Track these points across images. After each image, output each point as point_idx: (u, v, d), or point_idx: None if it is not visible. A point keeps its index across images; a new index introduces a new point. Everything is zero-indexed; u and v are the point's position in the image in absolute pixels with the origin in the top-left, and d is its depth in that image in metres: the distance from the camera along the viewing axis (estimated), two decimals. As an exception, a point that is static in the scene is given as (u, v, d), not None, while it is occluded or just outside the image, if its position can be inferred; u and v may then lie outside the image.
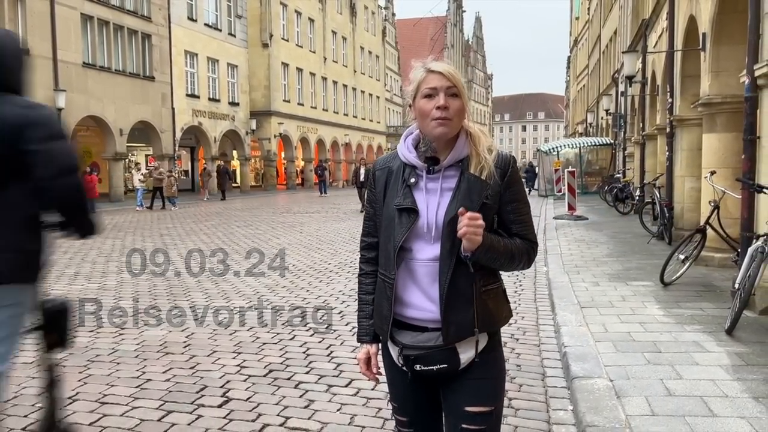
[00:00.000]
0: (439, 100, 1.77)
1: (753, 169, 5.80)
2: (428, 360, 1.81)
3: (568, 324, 5.38)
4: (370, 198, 1.97)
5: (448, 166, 1.83)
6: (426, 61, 1.85)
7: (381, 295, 1.90)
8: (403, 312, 1.85)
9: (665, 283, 6.71)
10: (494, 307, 1.85)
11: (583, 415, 3.44)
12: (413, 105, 1.86)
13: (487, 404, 1.84)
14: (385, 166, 1.94)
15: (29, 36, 21.11)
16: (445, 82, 1.78)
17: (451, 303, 1.77)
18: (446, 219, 1.77)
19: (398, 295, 1.85)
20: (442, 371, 1.82)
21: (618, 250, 9.91)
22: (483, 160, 1.81)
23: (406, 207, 1.81)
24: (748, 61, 5.77)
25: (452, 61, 32.11)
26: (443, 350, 1.79)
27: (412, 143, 1.90)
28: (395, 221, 1.83)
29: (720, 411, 3.43)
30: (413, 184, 1.84)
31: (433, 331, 1.81)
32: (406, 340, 1.83)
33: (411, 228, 1.80)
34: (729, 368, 4.13)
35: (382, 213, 1.90)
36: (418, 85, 1.82)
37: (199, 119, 30.89)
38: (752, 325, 5.13)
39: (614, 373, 4.09)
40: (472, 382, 1.84)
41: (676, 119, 10.45)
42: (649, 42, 14.84)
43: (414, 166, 1.86)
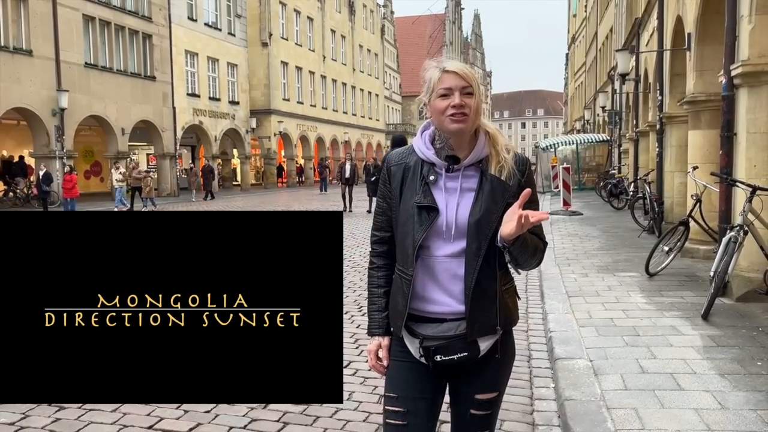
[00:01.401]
0: (455, 99, 1.77)
1: (730, 164, 6.11)
2: (449, 350, 1.84)
3: (555, 312, 5.69)
4: (383, 193, 1.95)
5: (467, 165, 1.84)
6: (440, 61, 1.85)
7: (397, 291, 1.91)
8: (420, 306, 1.87)
9: (650, 273, 7.02)
10: (512, 305, 1.92)
11: (563, 391, 3.75)
12: (428, 104, 1.86)
13: (495, 390, 1.91)
14: (401, 162, 1.92)
15: (32, 37, 21.39)
16: (460, 81, 1.79)
17: (477, 302, 1.81)
18: (471, 220, 1.80)
19: (416, 290, 1.86)
20: (462, 360, 1.84)
21: (609, 243, 10.23)
22: (503, 159, 1.84)
23: (426, 205, 1.82)
24: (725, 62, 6.07)
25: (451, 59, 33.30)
26: (463, 339, 1.83)
27: (429, 138, 1.90)
28: (414, 218, 1.83)
29: (687, 386, 3.75)
30: (432, 181, 1.84)
31: (452, 321, 1.84)
32: (427, 331, 1.85)
33: (431, 226, 1.81)
34: (700, 349, 4.45)
35: (398, 209, 1.89)
36: (434, 85, 1.82)
37: (199, 118, 31.17)
38: (728, 311, 5.45)
39: (594, 354, 4.40)
40: (486, 371, 1.88)
41: (665, 116, 10.76)
42: (642, 40, 15.14)
43: (432, 164, 1.86)
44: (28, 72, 21.15)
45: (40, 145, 22.32)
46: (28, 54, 21.27)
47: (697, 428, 3.16)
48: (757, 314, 5.32)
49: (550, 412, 3.63)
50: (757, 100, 5.71)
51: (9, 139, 24.32)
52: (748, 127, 5.78)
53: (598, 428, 3.21)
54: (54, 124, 22.13)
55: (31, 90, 21.24)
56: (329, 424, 3.42)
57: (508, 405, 3.73)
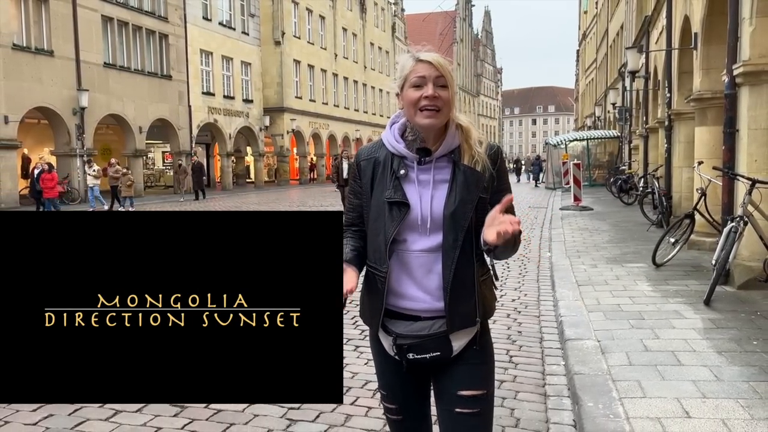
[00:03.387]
0: (428, 89, 1.74)
1: (733, 159, 6.42)
2: (421, 348, 1.82)
3: (566, 299, 6.03)
4: (354, 189, 1.92)
5: (439, 157, 1.82)
6: (414, 50, 1.83)
7: (371, 288, 1.88)
8: (395, 303, 1.85)
9: (657, 264, 7.34)
10: (490, 296, 1.89)
11: (572, 366, 4.11)
12: (401, 94, 1.83)
13: (480, 387, 1.85)
14: (370, 157, 1.90)
15: (53, 38, 21.93)
16: (433, 71, 1.76)
17: (456, 294, 1.79)
18: (446, 212, 1.77)
19: (391, 286, 1.83)
20: (435, 359, 1.83)
21: (618, 237, 10.53)
22: (476, 153, 1.82)
23: (397, 200, 1.79)
24: (728, 62, 6.38)
25: (461, 56, 32.39)
26: (436, 339, 1.81)
27: (398, 132, 1.87)
28: (385, 214, 1.80)
29: (687, 361, 4.09)
30: (403, 176, 1.81)
31: (426, 320, 1.82)
32: (400, 329, 1.84)
33: (402, 221, 1.79)
34: (701, 330, 4.78)
35: (368, 205, 1.87)
36: (407, 74, 1.79)
37: (214, 116, 31.66)
38: (729, 298, 5.77)
39: (601, 335, 4.74)
40: (464, 367, 1.85)
41: (673, 113, 11.03)
42: (651, 38, 15.40)
43: (403, 157, 1.83)
44: (49, 72, 21.69)
45: (60, 143, 22.89)
46: (50, 54, 21.81)
47: (693, 396, 3.50)
48: (757, 300, 5.64)
49: (561, 386, 3.99)
50: (758, 98, 6.02)
51: (29, 137, 24.89)
52: (750, 124, 6.09)
53: (604, 397, 3.55)
54: (74, 123, 22.69)
55: (52, 90, 21.79)
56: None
57: (522, 379, 4.10)
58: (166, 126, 28.44)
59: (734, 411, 3.29)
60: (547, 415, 3.53)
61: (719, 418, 3.21)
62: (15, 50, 20.43)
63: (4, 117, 19.92)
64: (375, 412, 3.55)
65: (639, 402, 3.45)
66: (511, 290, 6.83)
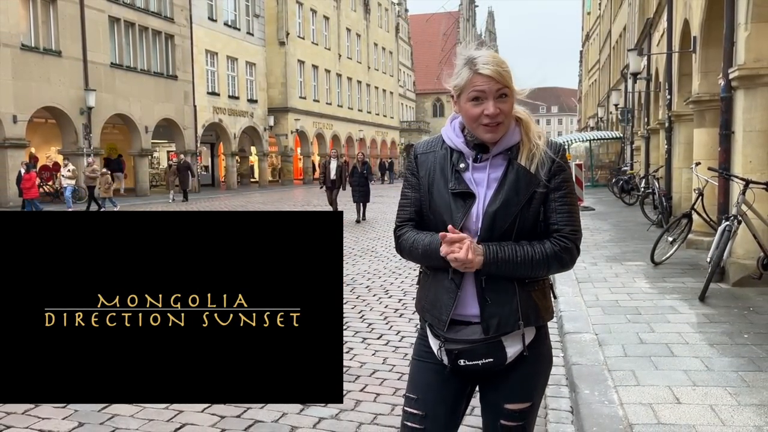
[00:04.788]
0: (489, 107, 1.66)
1: (728, 160, 6.61)
2: (473, 354, 1.73)
3: (565, 295, 6.23)
4: (411, 183, 1.86)
5: (495, 154, 1.75)
6: (473, 56, 1.71)
7: (441, 285, 1.79)
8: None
9: (655, 262, 7.52)
10: (538, 300, 1.77)
11: (570, 357, 4.31)
12: (457, 102, 1.75)
13: (527, 400, 1.80)
14: (428, 150, 1.85)
15: (61, 38, 22.19)
16: (494, 84, 1.66)
17: (490, 296, 1.72)
18: (489, 210, 1.71)
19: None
20: (488, 366, 1.74)
21: (618, 236, 10.72)
22: (534, 146, 1.74)
23: (461, 191, 1.74)
24: (724, 65, 6.57)
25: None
26: (488, 344, 1.73)
27: (459, 126, 1.81)
28: (451, 206, 1.74)
29: (679, 353, 4.29)
30: (462, 169, 1.76)
31: (477, 324, 1.74)
32: (450, 334, 1.76)
33: (468, 212, 1.72)
34: (695, 324, 4.97)
35: (428, 200, 1.80)
36: (464, 85, 1.70)
37: (219, 116, 31.91)
38: (724, 294, 5.96)
39: (599, 329, 4.94)
40: (515, 379, 1.78)
41: (674, 115, 11.22)
42: (653, 40, 15.58)
43: (461, 152, 1.78)
44: (57, 72, 21.95)
45: (68, 142, 23.14)
46: (58, 55, 22.06)
47: (684, 384, 3.70)
48: (750, 297, 5.83)
49: (559, 375, 4.18)
50: (752, 101, 6.21)
51: (37, 136, 25.15)
52: (745, 126, 6.28)
53: (600, 385, 3.75)
54: (82, 123, 22.94)
55: (60, 89, 22.05)
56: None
57: (523, 369, 4.29)
58: (172, 126, 28.69)
59: (722, 398, 3.49)
60: (546, 402, 3.72)
61: (708, 404, 3.40)
62: (24, 50, 20.68)
63: (13, 116, 20.18)
64: (383, 398, 3.76)
65: (633, 390, 3.65)
66: (512, 287, 7.02)
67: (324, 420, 3.42)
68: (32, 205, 17.08)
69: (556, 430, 3.37)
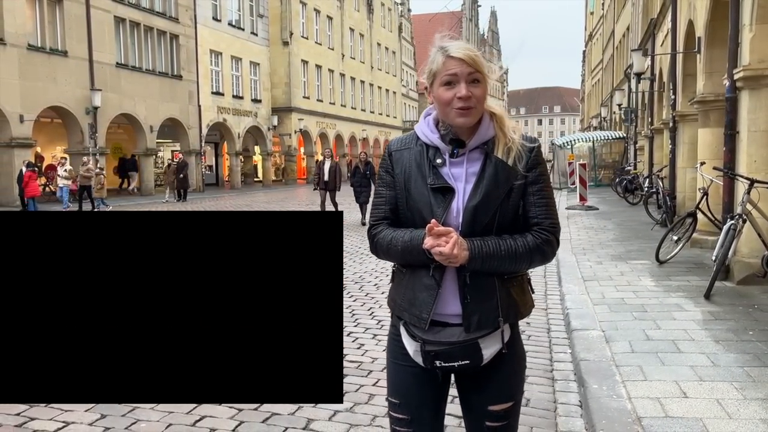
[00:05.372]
0: (461, 90, 1.66)
1: (733, 160, 6.68)
2: (450, 356, 1.72)
3: (572, 293, 6.31)
4: (387, 182, 1.82)
5: (472, 149, 1.74)
6: (444, 43, 1.71)
7: (416, 282, 1.76)
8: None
9: (660, 261, 7.60)
10: (518, 297, 1.76)
11: (578, 353, 4.39)
12: (430, 90, 1.74)
13: (510, 400, 1.80)
14: (403, 147, 1.82)
15: (67, 38, 22.31)
16: (465, 68, 1.66)
17: (472, 294, 1.70)
18: (469, 204, 1.69)
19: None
20: (464, 368, 1.74)
21: (623, 235, 10.79)
22: (510, 141, 1.73)
23: (441, 185, 1.71)
24: (729, 66, 6.64)
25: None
26: (465, 346, 1.72)
27: (433, 122, 1.79)
28: (431, 202, 1.72)
29: (686, 349, 4.37)
30: (440, 164, 1.74)
31: (455, 326, 1.73)
32: (428, 336, 1.74)
33: (448, 207, 1.70)
34: (700, 322, 5.05)
35: (405, 198, 1.77)
36: (437, 70, 1.69)
37: (223, 116, 32.02)
38: (728, 292, 6.03)
39: (606, 326, 5.02)
40: (495, 380, 1.78)
41: (678, 115, 11.28)
42: (657, 40, 15.63)
43: (437, 148, 1.76)
44: (63, 72, 22.07)
45: (74, 142, 23.27)
46: (64, 55, 22.19)
47: (691, 379, 3.78)
48: (755, 295, 5.90)
49: (568, 371, 4.27)
50: (757, 101, 6.28)
51: (42, 136, 25.26)
52: (749, 126, 6.35)
53: (608, 380, 3.83)
54: (87, 122, 23.07)
55: (66, 89, 22.17)
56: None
57: (531, 365, 4.36)
58: (176, 125, 28.81)
59: (728, 392, 3.57)
60: (555, 397, 3.81)
61: (714, 398, 3.48)
62: (30, 50, 20.81)
63: (20, 116, 20.30)
64: (395, 392, 3.84)
65: (640, 384, 3.73)
66: (519, 285, 7.10)
67: (339, 413, 3.50)
68: (32, 203, 17.20)
69: (566, 424, 3.45)
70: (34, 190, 17.48)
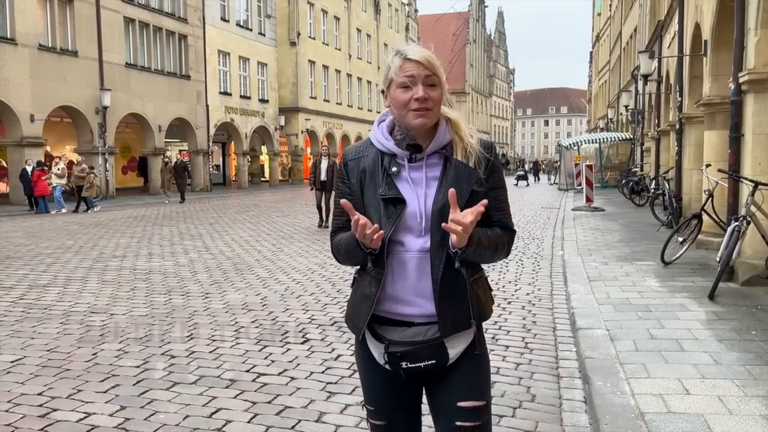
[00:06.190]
0: (418, 91, 1.66)
1: (738, 162, 6.76)
2: (415, 356, 1.72)
3: (577, 293, 6.39)
4: (343, 191, 1.82)
5: (430, 154, 1.74)
6: (402, 47, 1.72)
7: (361, 291, 1.79)
8: (388, 308, 1.76)
9: (665, 262, 7.67)
10: (484, 297, 1.80)
11: (583, 351, 4.48)
12: (386, 93, 1.74)
13: (481, 398, 1.78)
14: (358, 156, 1.81)
15: (77, 39, 22.54)
16: (422, 70, 1.67)
17: (446, 296, 1.70)
18: (435, 208, 1.69)
19: (385, 289, 1.74)
20: (430, 368, 1.73)
21: (628, 237, 10.86)
22: (468, 145, 1.74)
23: (392, 197, 1.70)
24: (734, 70, 6.71)
25: (474, 57, 32.45)
26: (431, 346, 1.71)
27: (387, 129, 1.79)
28: (381, 212, 1.71)
29: (689, 348, 4.45)
30: (395, 173, 1.73)
31: (420, 325, 1.73)
32: (394, 336, 1.74)
33: (399, 219, 1.70)
34: (704, 321, 5.13)
35: (360, 207, 1.75)
36: (394, 73, 1.70)
37: (231, 116, 32.22)
38: (733, 293, 6.11)
39: (611, 325, 5.11)
40: (463, 377, 1.77)
41: (684, 117, 11.34)
42: (664, 42, 15.69)
43: (393, 155, 1.75)
44: (73, 72, 22.29)
45: (83, 141, 23.50)
46: (74, 55, 22.41)
47: (693, 377, 3.87)
48: (758, 295, 5.98)
49: (572, 368, 4.35)
50: (762, 104, 6.35)
51: (52, 135, 25.52)
52: (754, 129, 6.42)
53: (612, 377, 3.92)
54: (97, 122, 23.28)
55: (76, 89, 22.39)
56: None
57: (537, 363, 4.47)
58: (185, 125, 29.02)
59: (730, 389, 3.65)
60: (560, 393, 3.90)
61: (716, 395, 3.57)
62: (41, 50, 21.04)
63: (30, 115, 20.53)
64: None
65: (644, 381, 3.82)
66: (525, 285, 7.20)
67: (350, 406, 3.61)
68: (42, 204, 17.34)
69: (571, 419, 3.54)
70: (43, 189, 17.74)
